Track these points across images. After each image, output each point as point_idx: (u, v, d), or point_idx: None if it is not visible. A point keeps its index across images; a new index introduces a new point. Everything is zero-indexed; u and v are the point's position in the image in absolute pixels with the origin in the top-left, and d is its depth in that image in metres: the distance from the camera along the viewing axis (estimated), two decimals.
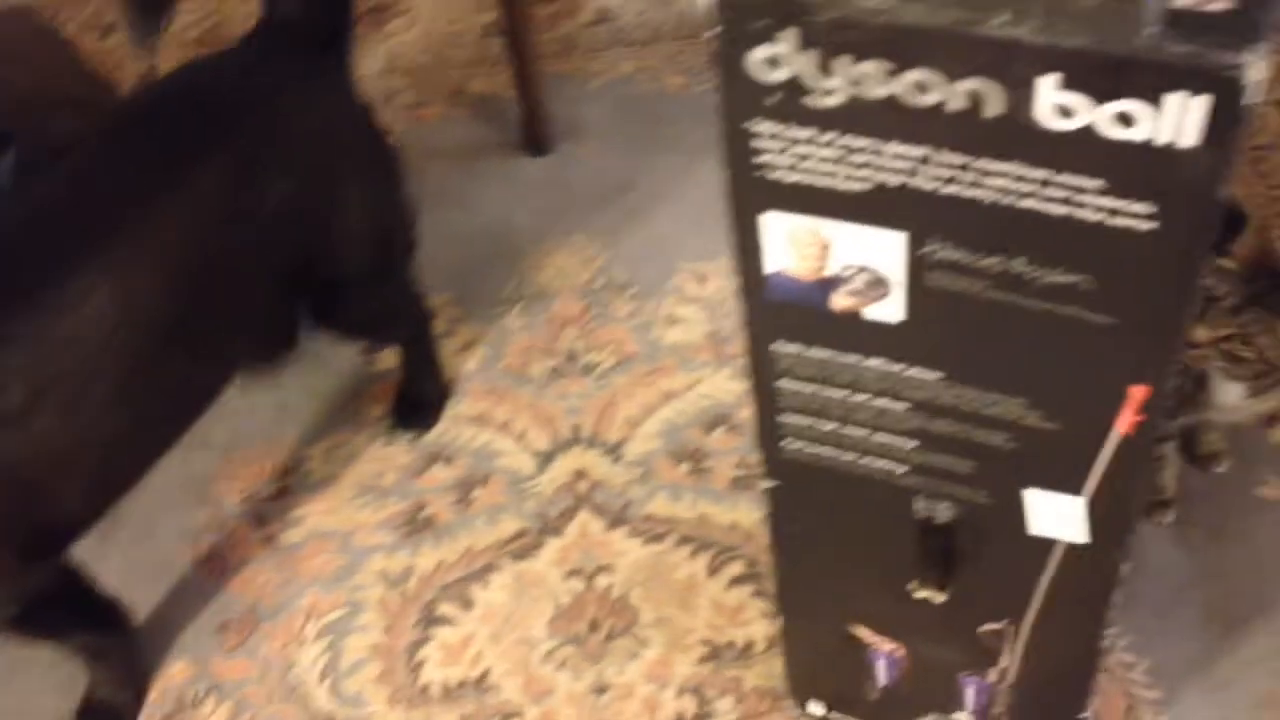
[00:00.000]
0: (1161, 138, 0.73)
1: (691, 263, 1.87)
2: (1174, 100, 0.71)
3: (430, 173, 2.02)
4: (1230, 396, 1.38)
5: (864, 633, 1.30)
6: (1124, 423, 0.93)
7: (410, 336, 1.75)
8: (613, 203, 1.95)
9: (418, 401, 1.78)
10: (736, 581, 1.60)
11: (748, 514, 1.64)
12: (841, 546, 1.22)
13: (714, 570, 1.61)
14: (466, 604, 1.62)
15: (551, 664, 1.56)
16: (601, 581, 1.62)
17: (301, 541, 1.69)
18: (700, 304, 1.84)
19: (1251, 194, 1.84)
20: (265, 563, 1.68)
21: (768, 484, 1.17)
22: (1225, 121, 0.71)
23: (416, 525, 1.69)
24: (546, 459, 1.72)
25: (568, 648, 1.57)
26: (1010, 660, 1.23)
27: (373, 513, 1.70)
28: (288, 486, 1.74)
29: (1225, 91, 0.69)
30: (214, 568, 1.68)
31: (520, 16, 1.89)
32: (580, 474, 1.71)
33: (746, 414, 1.25)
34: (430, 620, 1.61)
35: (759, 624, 1.56)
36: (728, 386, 1.75)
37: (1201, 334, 1.29)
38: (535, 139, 2.00)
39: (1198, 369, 1.36)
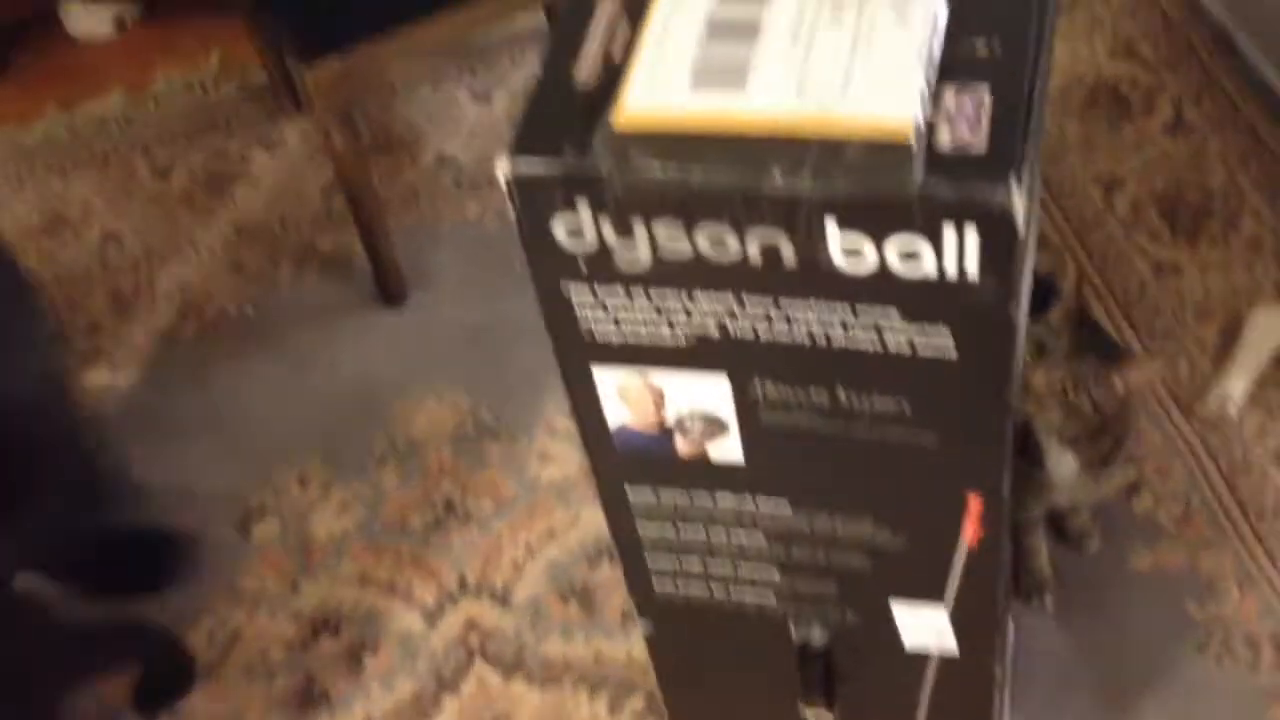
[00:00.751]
0: (946, 271, 0.75)
1: (558, 399, 1.87)
2: (949, 236, 0.73)
3: (287, 336, 2.01)
4: (1064, 470, 1.42)
5: None
6: (968, 532, 0.95)
7: None
8: (473, 347, 1.95)
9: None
10: (638, 717, 1.58)
11: (641, 646, 1.62)
12: (727, 676, 1.22)
13: (614, 708, 1.59)
14: None
15: None
16: None
17: None
18: (571, 439, 1.84)
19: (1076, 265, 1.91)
20: None
21: (644, 626, 1.17)
22: (999, 250, 0.74)
23: (310, 699, 1.65)
24: (435, 614, 1.70)
25: None
26: None
27: (263, 692, 1.66)
28: None
29: (994, 224, 0.72)
30: None
31: (358, 171, 1.90)
32: (471, 624, 1.68)
33: None
34: None
35: None
36: None
37: (1038, 379, 1.33)
38: (389, 291, 2.01)
39: (1033, 444, 1.39)
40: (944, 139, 0.74)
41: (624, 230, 0.81)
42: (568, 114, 0.80)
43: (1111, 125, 2.08)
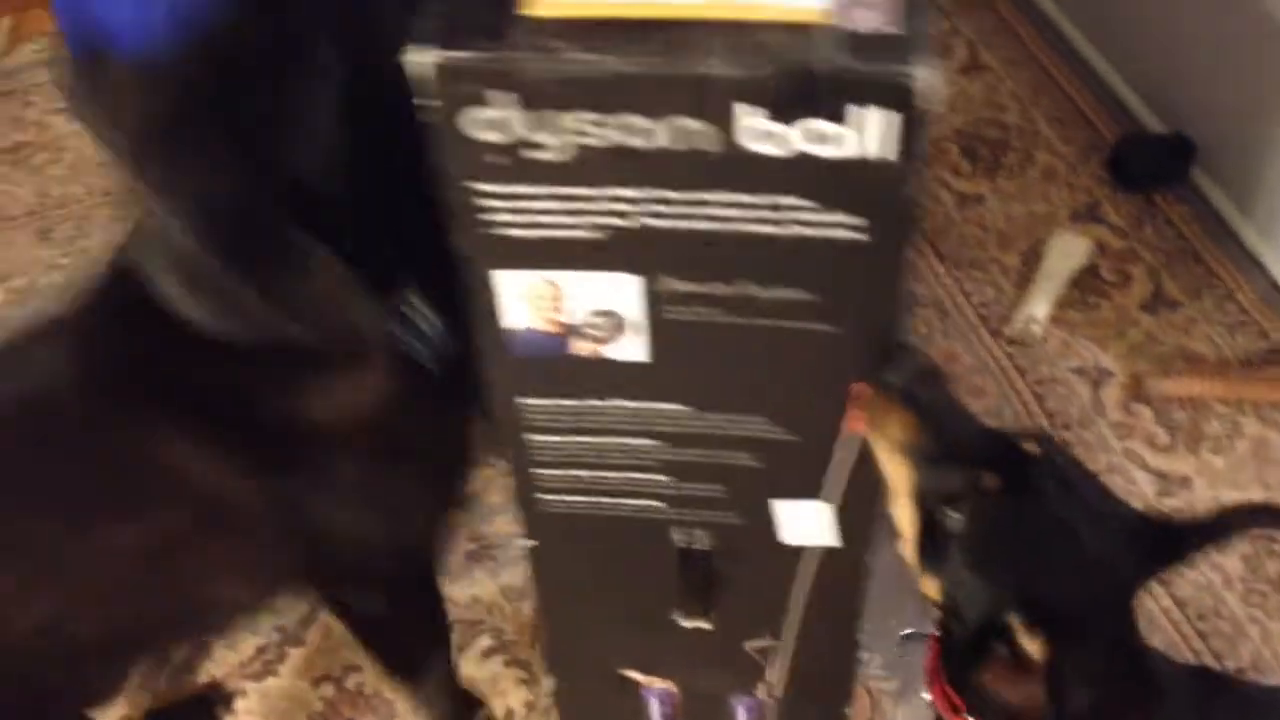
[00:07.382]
0: (854, 152, 0.78)
1: None
2: (857, 114, 0.76)
3: None
4: None
5: (635, 675, 1.31)
6: (854, 421, 0.99)
7: None
8: None
9: None
10: (487, 654, 1.58)
11: (485, 586, 1.63)
12: (606, 591, 1.22)
13: (463, 648, 1.59)
14: None
15: None
16: (352, 681, 1.56)
17: None
18: None
19: None
20: None
21: (529, 544, 1.16)
22: (907, 128, 0.77)
23: None
24: None
25: None
26: (776, 672, 1.27)
27: None
28: None
29: (901, 100, 0.76)
30: None
31: None
32: None
33: (471, 491, 1.25)
34: None
35: (516, 692, 1.55)
36: None
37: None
38: None
39: None
40: (857, 21, 0.77)
41: (538, 122, 0.81)
42: (476, 6, 0.80)
43: None
